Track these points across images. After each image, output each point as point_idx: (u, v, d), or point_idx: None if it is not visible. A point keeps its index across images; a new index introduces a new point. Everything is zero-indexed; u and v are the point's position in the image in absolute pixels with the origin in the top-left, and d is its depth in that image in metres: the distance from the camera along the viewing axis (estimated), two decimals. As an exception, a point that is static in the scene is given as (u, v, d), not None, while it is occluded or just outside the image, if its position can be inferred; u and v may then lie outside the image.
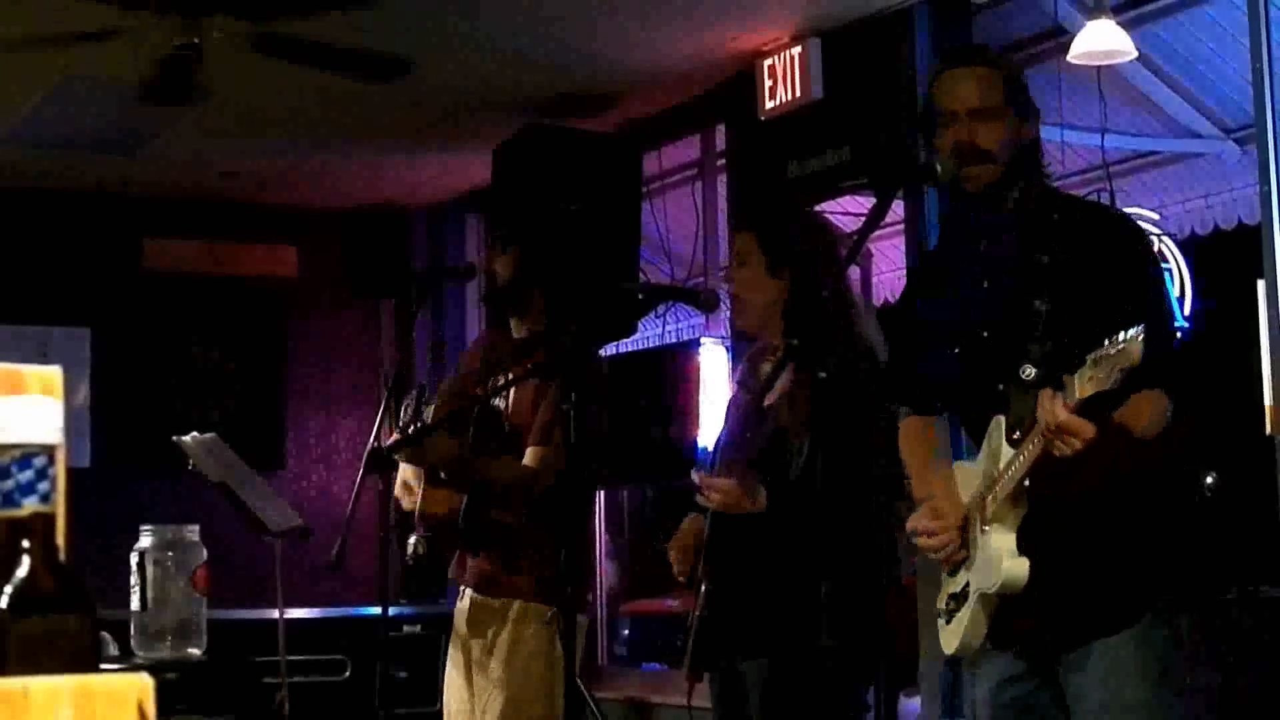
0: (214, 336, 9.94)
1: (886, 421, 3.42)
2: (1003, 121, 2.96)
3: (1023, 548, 2.85)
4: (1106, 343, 2.55)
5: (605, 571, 8.76)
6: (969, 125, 2.94)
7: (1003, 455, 2.86)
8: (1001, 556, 2.85)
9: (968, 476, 3.04)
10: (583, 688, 4.38)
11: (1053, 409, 2.67)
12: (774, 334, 3.78)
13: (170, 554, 4.33)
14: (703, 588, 3.76)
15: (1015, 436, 2.83)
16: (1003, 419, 2.88)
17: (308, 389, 10.22)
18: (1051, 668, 2.94)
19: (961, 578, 3.01)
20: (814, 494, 3.42)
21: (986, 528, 2.90)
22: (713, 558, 3.71)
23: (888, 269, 8.65)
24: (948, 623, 3.05)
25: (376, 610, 5.00)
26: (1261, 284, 5.22)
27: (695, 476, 3.72)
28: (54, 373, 1.71)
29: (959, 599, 3.00)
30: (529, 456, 4.31)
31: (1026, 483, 2.79)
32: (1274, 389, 5.08)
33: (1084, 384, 2.59)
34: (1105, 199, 7.66)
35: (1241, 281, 5.36)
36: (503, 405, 4.46)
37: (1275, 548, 4.61)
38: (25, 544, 1.61)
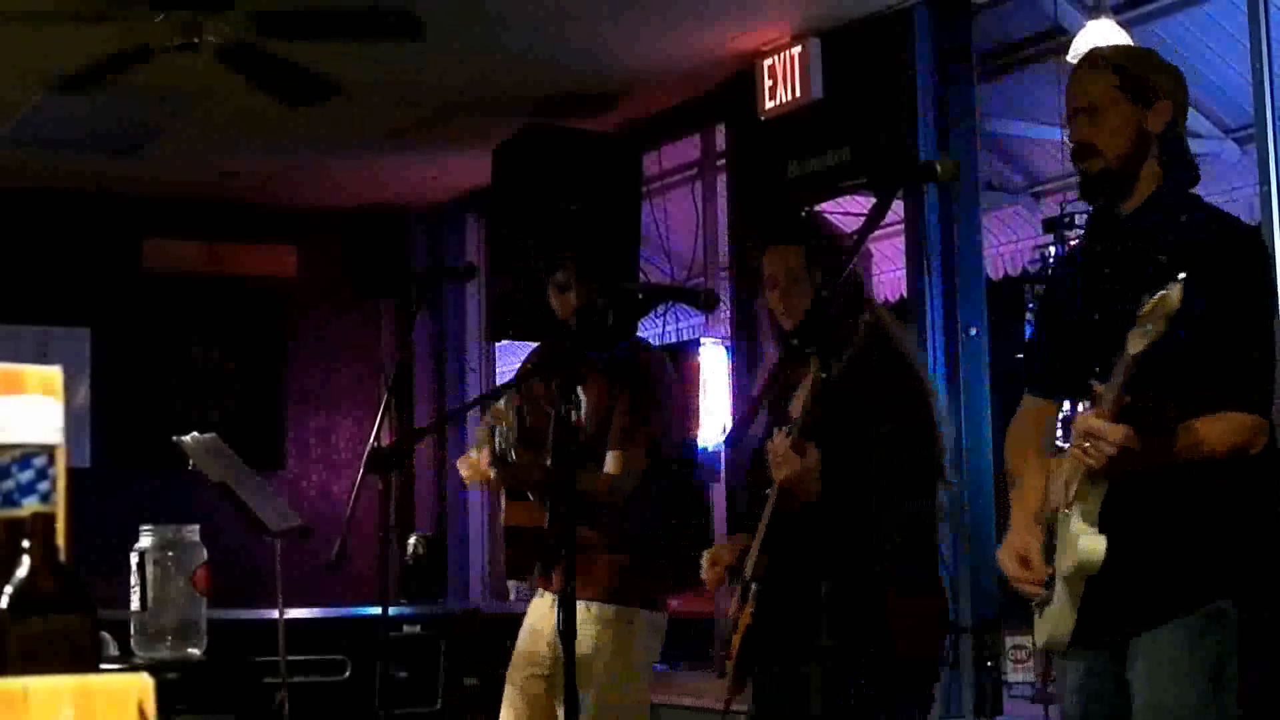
0: (214, 336, 9.94)
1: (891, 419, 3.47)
2: (1117, 116, 3.05)
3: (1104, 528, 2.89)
4: (1145, 299, 2.65)
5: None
6: (1082, 124, 3.08)
7: None
8: (1078, 536, 2.88)
9: (1060, 469, 3.08)
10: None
11: (1083, 416, 2.78)
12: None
13: (170, 554, 4.33)
14: (752, 589, 3.73)
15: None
16: (1090, 408, 2.93)
17: (308, 389, 10.22)
18: (1122, 662, 2.97)
19: (1050, 566, 3.04)
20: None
21: (1068, 509, 2.94)
22: (770, 556, 3.69)
23: (888, 269, 8.65)
24: (1040, 615, 3.08)
25: (376, 610, 5.00)
26: (1261, 284, 5.21)
27: (776, 439, 3.67)
28: (54, 373, 1.71)
29: (1049, 587, 3.03)
30: (610, 462, 4.31)
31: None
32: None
33: (1135, 339, 2.67)
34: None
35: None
36: (576, 415, 4.42)
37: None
38: (25, 544, 1.61)
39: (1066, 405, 2.96)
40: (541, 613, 4.43)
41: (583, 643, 4.29)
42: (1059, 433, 3.49)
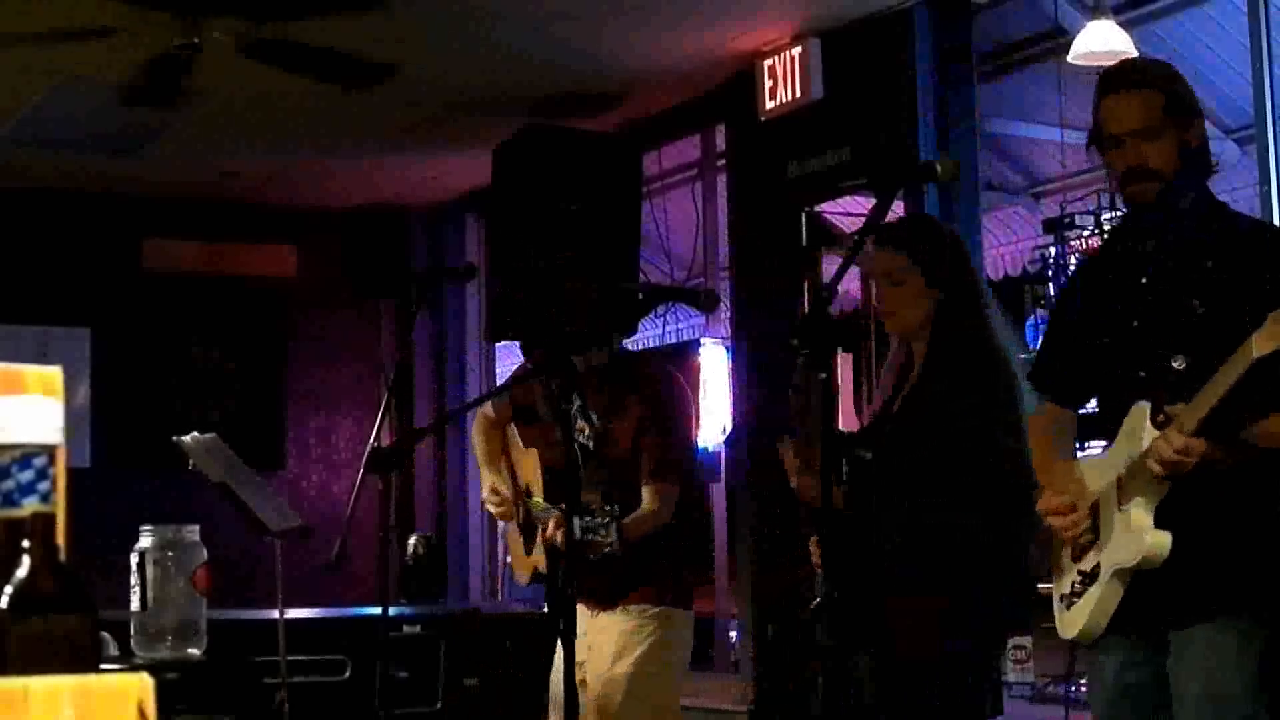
0: (214, 336, 9.94)
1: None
2: (1167, 137, 3.06)
3: (1158, 523, 2.93)
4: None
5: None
6: (1137, 147, 3.06)
7: (1145, 438, 2.94)
8: (1143, 531, 2.92)
9: (1095, 468, 3.12)
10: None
11: (1168, 439, 2.82)
12: (919, 340, 3.86)
13: (170, 554, 4.32)
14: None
15: (1160, 419, 2.92)
16: (1146, 405, 2.96)
17: (308, 389, 10.22)
18: (1163, 654, 3.01)
19: (1090, 559, 3.07)
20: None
21: (1125, 506, 2.97)
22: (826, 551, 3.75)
23: (888, 269, 8.64)
24: (1068, 608, 3.11)
25: (376, 610, 5.00)
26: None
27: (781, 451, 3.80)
28: (54, 373, 1.71)
29: (1087, 580, 3.07)
30: (649, 497, 4.34)
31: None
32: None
33: (1263, 340, 2.69)
34: (1105, 199, 7.67)
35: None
36: (595, 437, 4.41)
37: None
38: (25, 544, 1.61)
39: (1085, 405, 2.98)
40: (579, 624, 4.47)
41: (629, 645, 4.33)
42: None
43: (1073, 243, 7.99)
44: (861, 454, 3.71)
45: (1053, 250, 8.32)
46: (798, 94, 6.87)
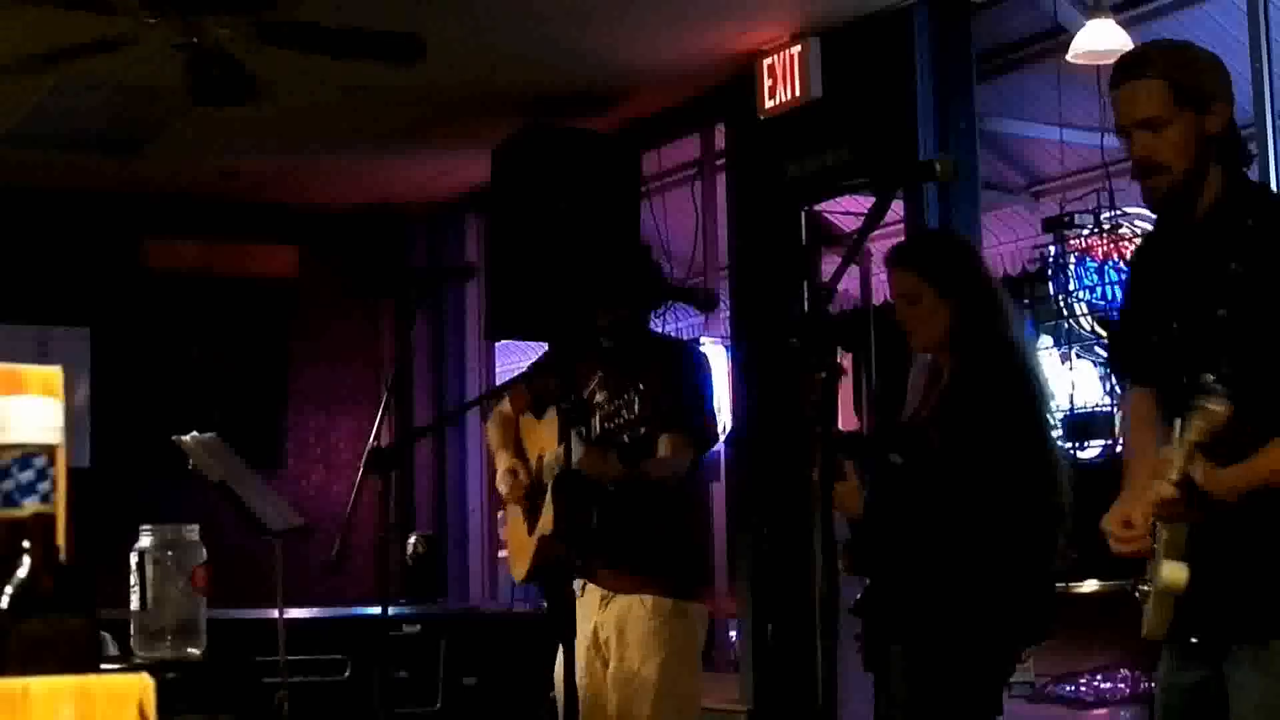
0: (214, 336, 9.94)
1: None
2: (1177, 126, 2.96)
3: (1194, 545, 2.88)
4: None
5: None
6: (1143, 139, 2.97)
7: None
8: (1162, 561, 2.89)
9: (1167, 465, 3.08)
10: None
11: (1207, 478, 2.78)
12: (944, 352, 3.90)
13: (170, 554, 4.32)
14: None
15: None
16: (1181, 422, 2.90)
17: (308, 389, 10.22)
18: (1214, 661, 2.99)
19: (1150, 567, 3.04)
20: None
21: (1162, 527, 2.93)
22: (856, 550, 3.80)
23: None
24: (1145, 602, 3.09)
25: (376, 610, 5.00)
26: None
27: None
28: (54, 373, 1.71)
29: (1149, 584, 3.05)
30: (664, 444, 4.33)
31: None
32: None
33: None
34: (1105, 199, 7.67)
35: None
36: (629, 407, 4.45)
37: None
38: (25, 544, 1.61)
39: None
40: (583, 614, 4.46)
41: (647, 638, 4.33)
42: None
43: (1072, 242, 7.99)
44: (893, 459, 3.74)
45: (1053, 250, 8.31)
46: (797, 93, 6.87)
